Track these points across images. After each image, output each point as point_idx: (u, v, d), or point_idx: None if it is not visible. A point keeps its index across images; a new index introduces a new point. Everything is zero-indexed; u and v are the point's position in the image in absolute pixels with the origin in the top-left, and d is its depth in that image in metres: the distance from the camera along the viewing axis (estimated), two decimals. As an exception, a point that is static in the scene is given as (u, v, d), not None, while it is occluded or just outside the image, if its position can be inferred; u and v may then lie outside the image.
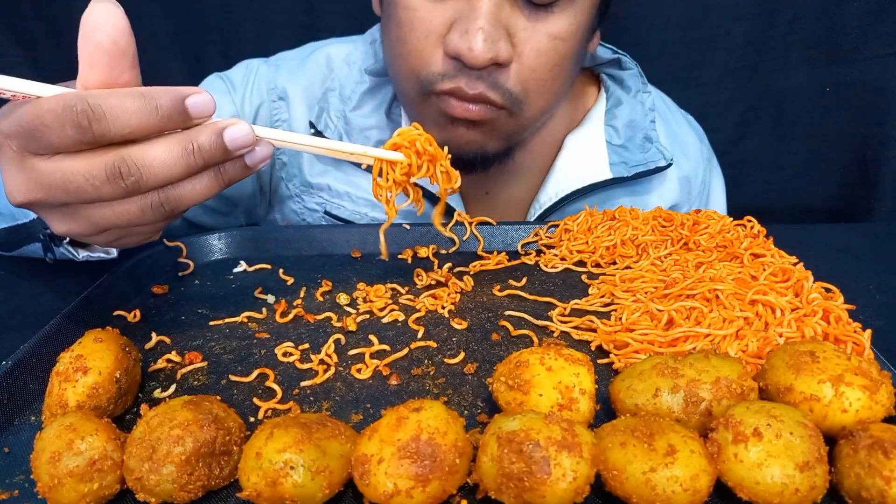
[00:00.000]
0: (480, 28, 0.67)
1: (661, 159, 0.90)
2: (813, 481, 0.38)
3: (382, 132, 0.90)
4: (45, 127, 0.43)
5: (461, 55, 0.68)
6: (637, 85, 0.93)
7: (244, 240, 0.79)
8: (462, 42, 0.68)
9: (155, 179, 0.45)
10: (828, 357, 0.45)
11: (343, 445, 0.41)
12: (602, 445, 0.40)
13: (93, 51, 0.44)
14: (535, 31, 0.71)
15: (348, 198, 0.92)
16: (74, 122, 0.42)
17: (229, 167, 0.49)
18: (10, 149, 0.45)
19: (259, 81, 0.94)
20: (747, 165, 1.42)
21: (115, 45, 0.44)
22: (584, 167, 0.90)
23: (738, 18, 1.32)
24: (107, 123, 0.43)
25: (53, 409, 0.46)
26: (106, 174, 0.44)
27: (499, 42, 0.69)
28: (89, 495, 0.40)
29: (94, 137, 0.43)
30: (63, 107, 0.42)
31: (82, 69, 0.45)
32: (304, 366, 0.56)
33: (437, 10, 0.70)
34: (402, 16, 0.72)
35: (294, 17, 1.38)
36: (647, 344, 0.56)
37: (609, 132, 0.92)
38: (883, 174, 1.37)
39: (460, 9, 0.69)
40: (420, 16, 0.71)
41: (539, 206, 0.91)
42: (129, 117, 0.43)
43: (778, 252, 0.67)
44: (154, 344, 0.60)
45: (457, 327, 0.62)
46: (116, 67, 0.45)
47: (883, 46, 1.30)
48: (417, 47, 0.72)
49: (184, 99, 0.45)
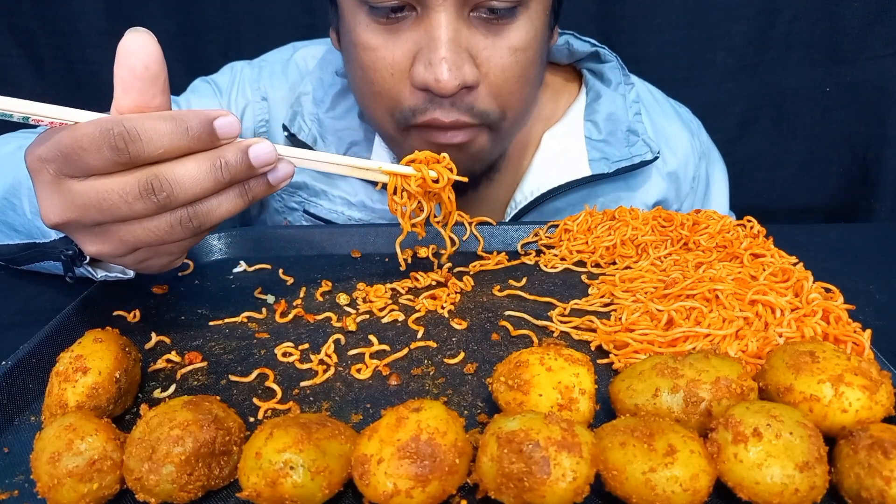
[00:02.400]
0: (443, 58, 0.67)
1: (648, 152, 0.88)
2: (813, 481, 0.38)
3: (355, 133, 0.90)
4: (84, 150, 0.46)
5: (429, 87, 0.69)
6: (618, 77, 0.91)
7: (244, 240, 0.79)
8: (428, 74, 0.68)
9: (185, 195, 0.48)
10: (828, 357, 0.45)
11: (343, 445, 0.41)
12: (602, 445, 0.40)
13: (126, 76, 0.47)
14: (496, 47, 0.71)
15: (325, 196, 0.92)
16: (111, 145, 0.45)
17: (253, 184, 0.51)
18: (48, 172, 0.48)
19: (243, 83, 0.94)
20: (747, 165, 1.42)
21: (147, 70, 0.48)
22: (561, 165, 0.89)
23: (738, 18, 1.32)
24: (141, 145, 0.46)
25: (53, 409, 0.46)
26: (139, 191, 0.47)
27: (463, 67, 0.69)
28: (89, 495, 0.40)
29: (130, 158, 0.46)
30: (101, 130, 0.45)
31: (117, 94, 0.48)
32: (304, 366, 0.56)
33: (396, 45, 0.70)
34: (364, 57, 0.72)
35: (294, 17, 1.38)
36: (646, 344, 0.56)
37: (588, 127, 0.90)
38: (883, 174, 1.37)
39: (419, 40, 0.69)
40: (381, 55, 0.71)
41: (515, 205, 0.91)
42: (162, 139, 0.46)
43: (778, 252, 0.67)
44: (154, 344, 0.60)
45: (457, 327, 0.62)
46: (148, 92, 0.48)
47: (883, 46, 1.30)
48: (385, 87, 0.73)
49: (212, 121, 0.48)
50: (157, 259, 0.54)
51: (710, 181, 1.02)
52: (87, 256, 0.60)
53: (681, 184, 0.96)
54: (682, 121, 0.99)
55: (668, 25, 1.33)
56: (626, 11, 1.34)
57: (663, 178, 0.94)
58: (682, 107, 1.03)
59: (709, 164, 1.01)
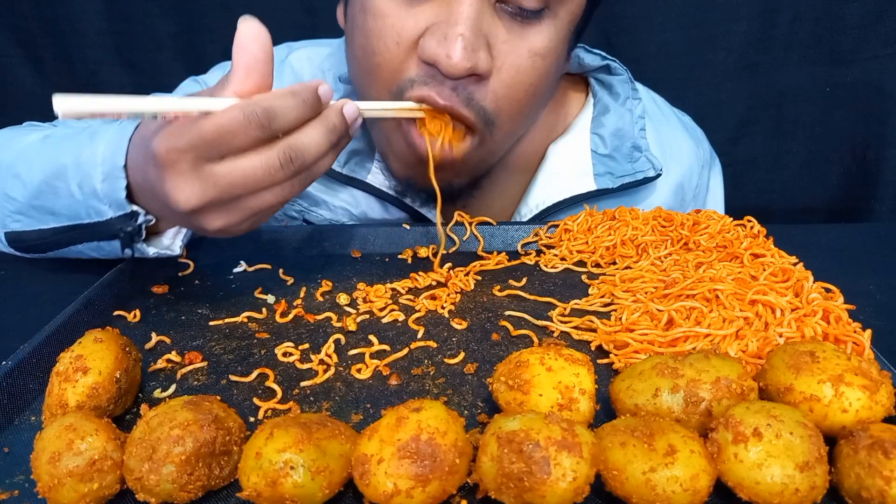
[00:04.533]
0: (461, 34, 0.63)
1: (650, 169, 0.87)
2: (813, 481, 0.38)
3: (356, 143, 0.87)
4: (231, 133, 0.50)
5: (438, 62, 0.65)
6: (626, 91, 0.90)
7: (244, 240, 0.78)
8: (440, 48, 0.64)
9: (312, 157, 0.54)
10: (828, 357, 0.45)
11: (343, 445, 0.41)
12: (602, 445, 0.40)
13: (249, 61, 0.52)
14: (515, 45, 0.68)
15: (326, 206, 0.90)
16: (258, 124, 0.50)
17: (343, 140, 0.58)
18: (186, 161, 0.52)
19: None
20: (747, 165, 1.42)
21: (267, 53, 0.53)
22: (567, 178, 0.88)
23: (738, 18, 1.32)
24: (280, 120, 0.51)
25: (53, 409, 0.46)
26: (280, 162, 0.52)
27: (479, 51, 0.65)
28: (89, 495, 0.40)
29: (271, 134, 0.51)
30: (244, 114, 0.50)
31: (238, 77, 0.53)
32: (304, 366, 0.56)
33: (409, 15, 0.67)
34: (371, 24, 0.68)
35: (294, 17, 1.38)
36: (647, 344, 0.56)
37: (595, 141, 0.88)
38: (883, 174, 1.37)
39: (438, 13, 0.66)
40: (391, 23, 0.67)
41: (519, 218, 0.89)
42: (292, 112, 0.52)
43: (778, 252, 0.67)
44: (154, 344, 0.60)
45: (457, 327, 0.62)
46: (267, 74, 0.53)
47: (883, 46, 1.30)
48: (386, 57, 0.68)
49: (316, 89, 0.54)
50: (264, 219, 0.58)
51: (708, 187, 1.02)
52: (143, 234, 0.64)
53: (685, 194, 0.96)
54: (688, 131, 0.99)
55: (668, 25, 1.33)
56: (626, 11, 1.34)
57: (668, 190, 0.93)
58: (685, 116, 1.02)
59: (710, 171, 1.02)
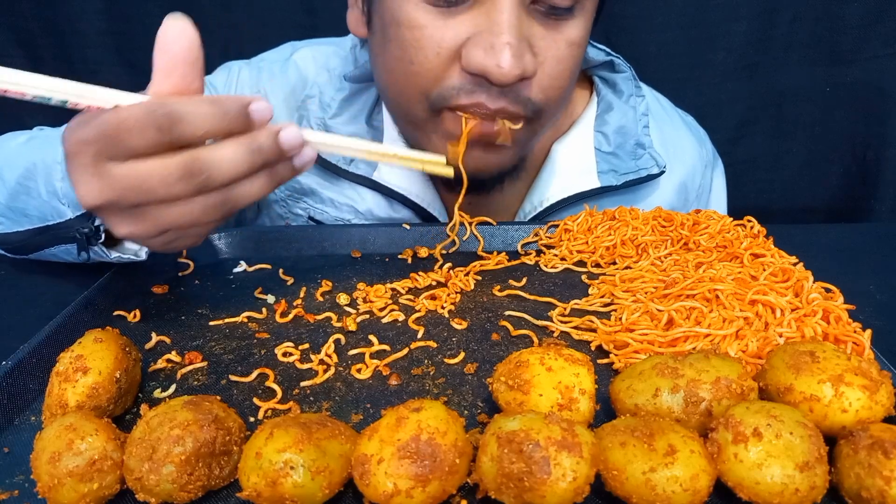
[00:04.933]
0: (508, 43, 0.64)
1: (654, 166, 0.87)
2: (813, 481, 0.38)
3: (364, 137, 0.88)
4: (128, 131, 0.46)
5: (488, 72, 0.66)
6: (630, 89, 0.91)
7: (244, 240, 0.78)
8: (489, 59, 0.65)
9: (222, 178, 0.49)
10: (828, 357, 0.45)
11: (343, 445, 0.41)
12: (602, 445, 0.40)
13: (168, 61, 0.49)
14: (554, 40, 0.70)
15: (332, 204, 0.90)
16: (156, 125, 0.46)
17: (281, 168, 0.52)
18: (87, 154, 0.47)
19: (242, 84, 0.93)
20: (747, 165, 1.42)
21: (190, 54, 0.49)
22: (571, 176, 0.88)
23: (738, 18, 1.32)
24: (184, 126, 0.46)
25: (53, 409, 0.46)
26: (180, 173, 0.47)
27: (525, 56, 0.66)
28: (89, 495, 0.40)
29: (172, 139, 0.47)
30: (146, 112, 0.46)
31: (157, 78, 0.49)
32: (304, 366, 0.56)
33: (448, 25, 0.67)
34: (408, 35, 0.69)
35: (294, 17, 1.38)
36: (647, 344, 0.56)
37: (598, 138, 0.89)
38: (883, 174, 1.37)
39: (478, 22, 0.67)
40: (429, 34, 0.68)
41: (524, 215, 0.90)
42: (204, 121, 0.47)
43: (778, 252, 0.67)
44: (154, 344, 0.60)
45: (457, 327, 0.62)
46: (189, 76, 0.49)
47: (883, 46, 1.30)
48: (427, 66, 0.69)
49: (247, 105, 0.49)
50: (185, 240, 0.54)
51: (711, 187, 1.02)
52: (101, 236, 0.61)
53: (688, 193, 0.96)
54: (691, 130, 0.99)
55: (668, 25, 1.33)
56: (626, 11, 1.34)
57: (672, 188, 0.94)
58: (688, 116, 1.03)
59: (713, 170, 1.02)
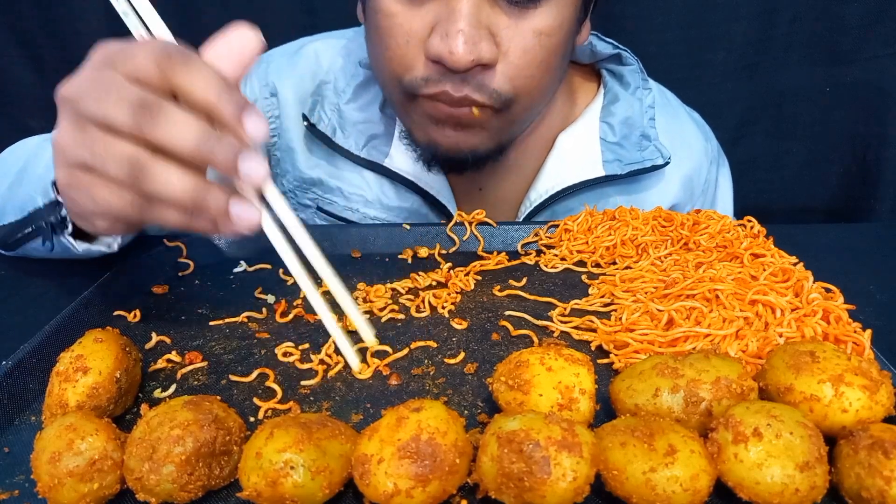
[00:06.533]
0: (460, 30, 0.66)
1: (659, 157, 0.89)
2: (813, 481, 0.38)
3: (375, 126, 0.90)
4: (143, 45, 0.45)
5: (443, 59, 0.68)
6: (637, 81, 0.92)
7: (244, 240, 0.78)
8: (443, 45, 0.67)
9: (155, 190, 0.44)
10: (828, 357, 0.45)
11: (343, 445, 0.41)
12: (602, 445, 0.40)
13: (225, 49, 0.49)
14: (519, 28, 0.70)
15: (340, 193, 0.92)
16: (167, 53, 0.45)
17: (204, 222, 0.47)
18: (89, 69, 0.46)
19: (249, 78, 0.94)
20: (747, 165, 1.42)
21: (245, 56, 0.49)
22: (576, 164, 0.90)
23: (738, 18, 1.32)
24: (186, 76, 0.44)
25: (53, 409, 0.46)
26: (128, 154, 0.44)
27: (480, 43, 0.68)
28: (89, 495, 0.40)
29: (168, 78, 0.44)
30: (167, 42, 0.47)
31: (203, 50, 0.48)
32: (304, 366, 0.56)
33: (416, 14, 0.70)
34: (382, 22, 0.72)
35: (294, 17, 1.38)
36: (647, 344, 0.56)
37: (604, 129, 0.91)
38: (883, 174, 1.37)
39: (439, 12, 0.69)
40: (399, 22, 0.71)
41: (529, 203, 0.91)
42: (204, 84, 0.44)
43: (778, 252, 0.67)
44: (154, 344, 0.60)
45: (457, 327, 0.62)
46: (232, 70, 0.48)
47: (883, 46, 1.30)
48: (399, 53, 0.72)
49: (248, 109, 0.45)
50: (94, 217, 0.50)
51: (718, 184, 1.02)
52: (68, 226, 0.59)
53: (694, 187, 0.97)
54: (697, 126, 1.00)
55: (668, 25, 1.33)
56: (626, 11, 1.34)
57: (678, 181, 0.94)
58: (694, 112, 1.03)
59: (719, 167, 1.03)
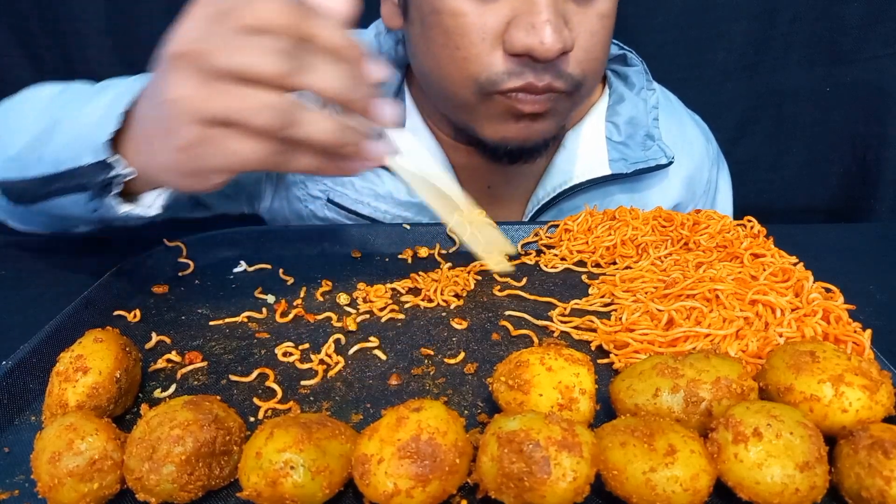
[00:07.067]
0: (547, 20, 0.68)
1: (663, 157, 0.90)
2: (813, 481, 0.38)
3: None
4: None
5: (533, 50, 0.69)
6: (641, 82, 0.93)
7: (244, 240, 0.79)
8: (531, 37, 0.68)
9: (303, 136, 0.46)
10: (828, 357, 0.45)
11: (343, 445, 0.41)
12: (602, 445, 0.40)
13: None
14: (586, 14, 0.73)
15: (351, 185, 0.92)
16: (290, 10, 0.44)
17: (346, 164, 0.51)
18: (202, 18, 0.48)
19: None
20: (747, 165, 1.42)
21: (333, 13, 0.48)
22: (582, 163, 0.91)
23: (738, 18, 1.32)
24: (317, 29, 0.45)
25: (53, 409, 0.46)
26: (275, 103, 0.44)
27: (563, 31, 0.70)
28: (89, 495, 0.40)
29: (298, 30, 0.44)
30: None
31: None
32: (304, 366, 0.56)
33: (488, 11, 0.71)
34: (450, 22, 0.72)
35: (294, 17, 1.38)
36: (647, 344, 0.56)
37: (609, 128, 0.92)
38: (883, 174, 1.36)
39: (515, 7, 0.70)
40: (471, 20, 0.71)
41: (536, 201, 0.92)
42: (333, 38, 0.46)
43: (778, 252, 0.67)
44: (154, 344, 0.60)
45: (457, 327, 0.62)
46: None
47: (883, 46, 1.30)
48: (474, 52, 0.72)
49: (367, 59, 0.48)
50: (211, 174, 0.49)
51: (718, 186, 1.03)
52: (114, 188, 0.57)
53: (696, 187, 0.98)
54: (698, 126, 1.02)
55: (668, 25, 1.33)
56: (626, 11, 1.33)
57: (680, 181, 0.95)
58: (695, 115, 1.05)
59: (719, 169, 1.04)
